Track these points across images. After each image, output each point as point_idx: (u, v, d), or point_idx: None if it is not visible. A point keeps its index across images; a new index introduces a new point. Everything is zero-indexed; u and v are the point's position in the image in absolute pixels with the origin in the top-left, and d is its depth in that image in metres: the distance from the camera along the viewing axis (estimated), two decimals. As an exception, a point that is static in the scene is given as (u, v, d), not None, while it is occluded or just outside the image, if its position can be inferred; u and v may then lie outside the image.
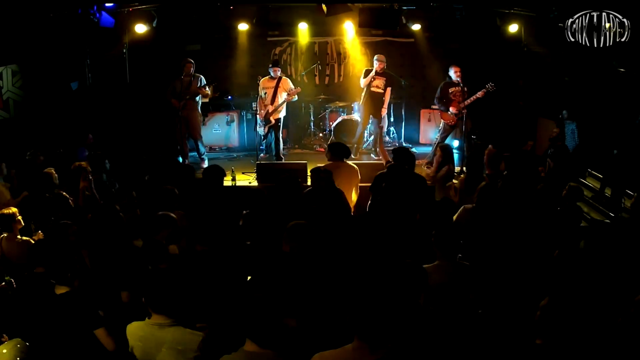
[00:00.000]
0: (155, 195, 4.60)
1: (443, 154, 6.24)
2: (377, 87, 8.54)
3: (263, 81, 8.41)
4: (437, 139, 8.40)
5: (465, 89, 7.90)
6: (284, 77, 8.45)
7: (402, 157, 5.57)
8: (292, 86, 8.40)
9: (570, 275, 3.35)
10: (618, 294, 3.12)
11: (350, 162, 5.95)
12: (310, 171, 5.38)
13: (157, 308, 2.78)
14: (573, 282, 3.28)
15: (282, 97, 8.27)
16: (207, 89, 8.13)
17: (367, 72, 8.59)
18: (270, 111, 8.21)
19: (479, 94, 7.81)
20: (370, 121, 8.78)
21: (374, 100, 8.55)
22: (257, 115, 8.33)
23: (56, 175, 5.36)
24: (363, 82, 8.55)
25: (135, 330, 2.85)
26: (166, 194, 4.55)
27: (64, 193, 4.94)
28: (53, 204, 4.68)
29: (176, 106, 8.01)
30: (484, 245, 4.07)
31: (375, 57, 8.56)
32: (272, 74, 8.32)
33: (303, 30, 9.60)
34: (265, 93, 8.29)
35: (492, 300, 3.43)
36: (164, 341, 2.74)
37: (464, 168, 7.25)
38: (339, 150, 5.83)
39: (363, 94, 8.66)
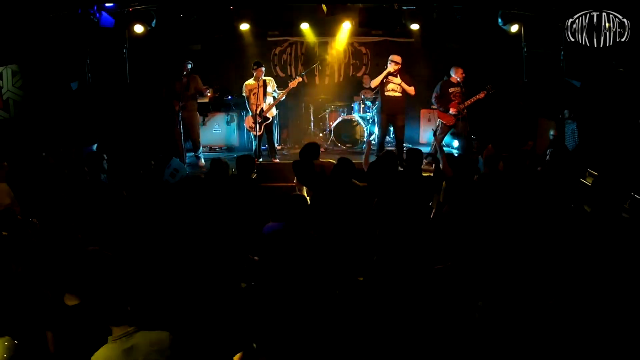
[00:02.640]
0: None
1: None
2: (393, 90, 7.85)
3: (248, 84, 8.14)
4: (434, 139, 8.39)
5: (464, 90, 7.89)
6: (267, 78, 8.21)
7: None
8: (275, 83, 8.29)
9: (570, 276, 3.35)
10: (618, 294, 3.12)
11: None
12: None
13: (116, 321, 2.69)
14: (573, 283, 3.28)
15: (268, 96, 8.15)
16: (207, 90, 8.10)
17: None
18: (265, 109, 8.16)
19: (480, 96, 7.79)
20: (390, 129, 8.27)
21: (390, 106, 7.91)
22: (256, 116, 8.06)
23: None
24: (373, 82, 7.99)
25: (104, 356, 2.66)
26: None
27: None
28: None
29: (176, 107, 7.99)
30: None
31: (390, 57, 7.91)
32: (256, 74, 8.01)
33: (303, 30, 9.60)
34: (253, 94, 8.05)
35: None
36: (138, 349, 2.66)
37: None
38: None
39: (379, 97, 8.08)
